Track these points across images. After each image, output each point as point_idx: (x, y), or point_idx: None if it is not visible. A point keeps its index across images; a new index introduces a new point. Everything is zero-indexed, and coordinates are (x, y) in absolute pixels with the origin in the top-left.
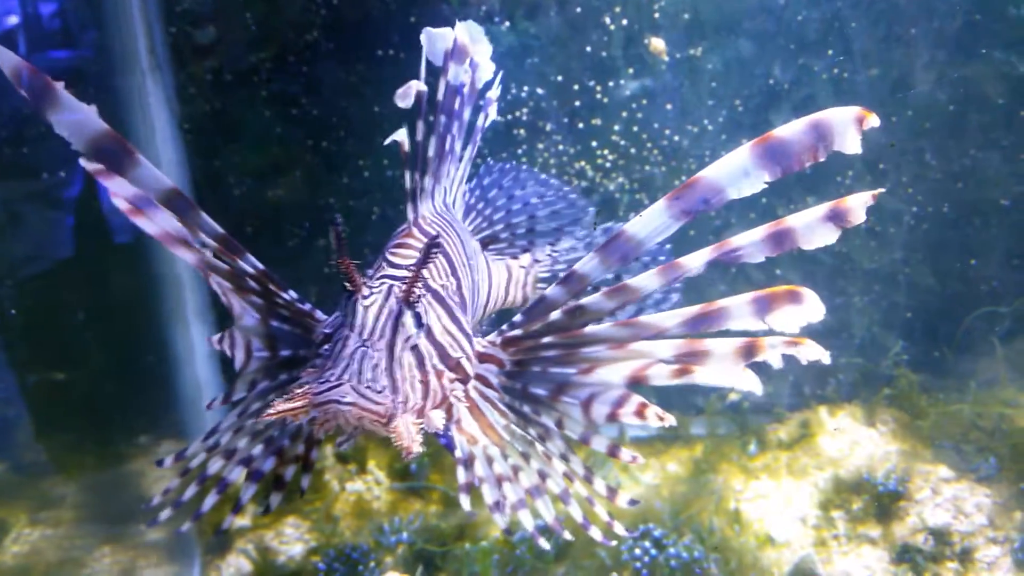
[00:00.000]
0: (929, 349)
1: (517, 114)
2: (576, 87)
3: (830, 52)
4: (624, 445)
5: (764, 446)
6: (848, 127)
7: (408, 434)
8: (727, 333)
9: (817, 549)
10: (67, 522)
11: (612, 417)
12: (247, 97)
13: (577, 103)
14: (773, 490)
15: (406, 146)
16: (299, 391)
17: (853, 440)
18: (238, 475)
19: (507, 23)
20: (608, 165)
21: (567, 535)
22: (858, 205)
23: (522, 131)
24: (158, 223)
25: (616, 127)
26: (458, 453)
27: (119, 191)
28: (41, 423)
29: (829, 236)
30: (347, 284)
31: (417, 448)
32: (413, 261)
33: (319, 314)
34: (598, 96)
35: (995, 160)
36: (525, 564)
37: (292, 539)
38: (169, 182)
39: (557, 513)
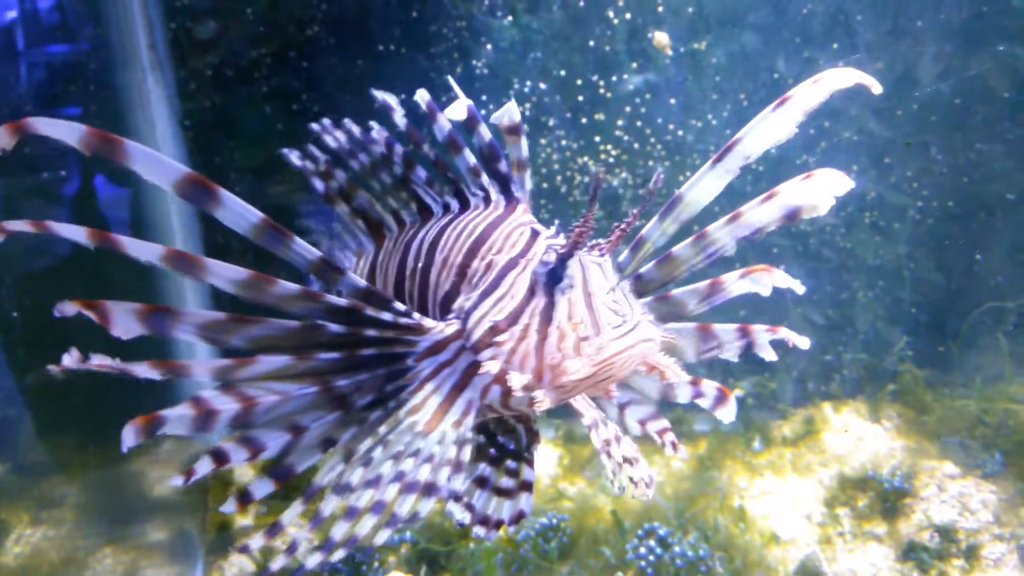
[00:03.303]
0: (934, 344)
1: (519, 109)
2: (579, 82)
3: (835, 45)
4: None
5: (768, 443)
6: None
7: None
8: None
9: (822, 547)
10: (69, 522)
11: (641, 426)
12: (248, 93)
13: (580, 98)
14: (778, 487)
15: (517, 119)
16: (592, 341)
17: (858, 436)
18: (392, 493)
19: (509, 17)
20: (612, 160)
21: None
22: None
23: (524, 127)
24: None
25: (619, 122)
26: (586, 420)
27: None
28: (42, 423)
29: (822, 200)
30: (576, 242)
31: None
32: (551, 233)
33: (428, 322)
34: (601, 91)
35: (1000, 154)
36: (529, 563)
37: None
38: (258, 214)
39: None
